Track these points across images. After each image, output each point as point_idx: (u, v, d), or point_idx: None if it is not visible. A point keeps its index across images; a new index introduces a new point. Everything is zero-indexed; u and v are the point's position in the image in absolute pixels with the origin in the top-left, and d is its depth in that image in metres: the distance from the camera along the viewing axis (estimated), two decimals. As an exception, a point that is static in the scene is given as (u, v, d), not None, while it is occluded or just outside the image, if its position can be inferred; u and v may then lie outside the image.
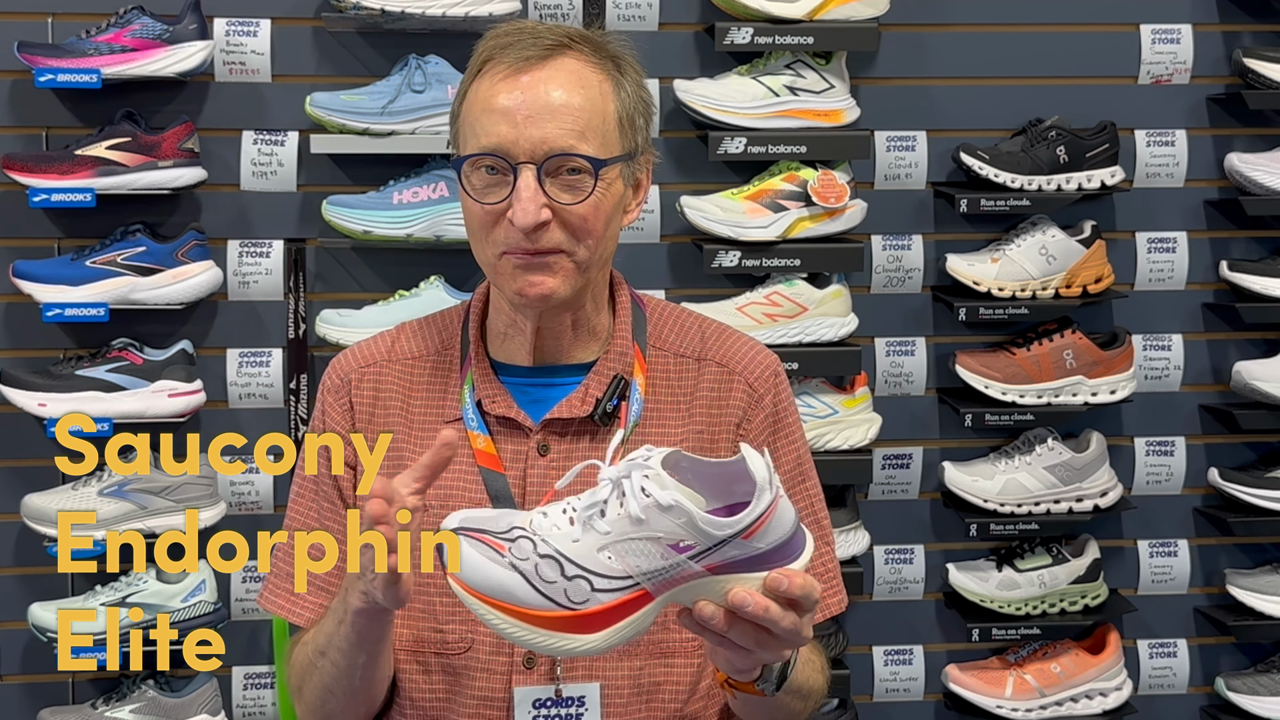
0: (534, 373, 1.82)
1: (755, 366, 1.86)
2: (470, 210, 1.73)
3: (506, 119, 1.68)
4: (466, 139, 1.74)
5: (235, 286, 3.18)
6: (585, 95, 1.71)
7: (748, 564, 1.43)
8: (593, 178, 1.70)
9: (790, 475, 1.86)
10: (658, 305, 1.91)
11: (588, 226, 1.71)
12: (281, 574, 1.88)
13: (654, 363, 1.84)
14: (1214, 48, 3.36)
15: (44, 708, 3.09)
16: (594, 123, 1.70)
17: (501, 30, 1.76)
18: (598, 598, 1.43)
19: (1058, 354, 3.24)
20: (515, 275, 1.72)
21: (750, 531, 1.42)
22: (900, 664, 3.40)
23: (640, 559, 1.42)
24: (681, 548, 1.42)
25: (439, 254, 3.15)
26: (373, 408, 1.85)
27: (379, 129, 3.05)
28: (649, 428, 1.80)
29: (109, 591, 3.04)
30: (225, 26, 3.13)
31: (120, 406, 3.01)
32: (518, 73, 1.70)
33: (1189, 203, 3.39)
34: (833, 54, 3.17)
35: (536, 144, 1.68)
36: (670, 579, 1.43)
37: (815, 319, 3.16)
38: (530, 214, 1.67)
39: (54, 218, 3.12)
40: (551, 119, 1.68)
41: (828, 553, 1.88)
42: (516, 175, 1.68)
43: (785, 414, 1.86)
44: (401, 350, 1.88)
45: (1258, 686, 3.33)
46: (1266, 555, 3.45)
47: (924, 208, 3.34)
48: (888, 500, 3.36)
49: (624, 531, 1.42)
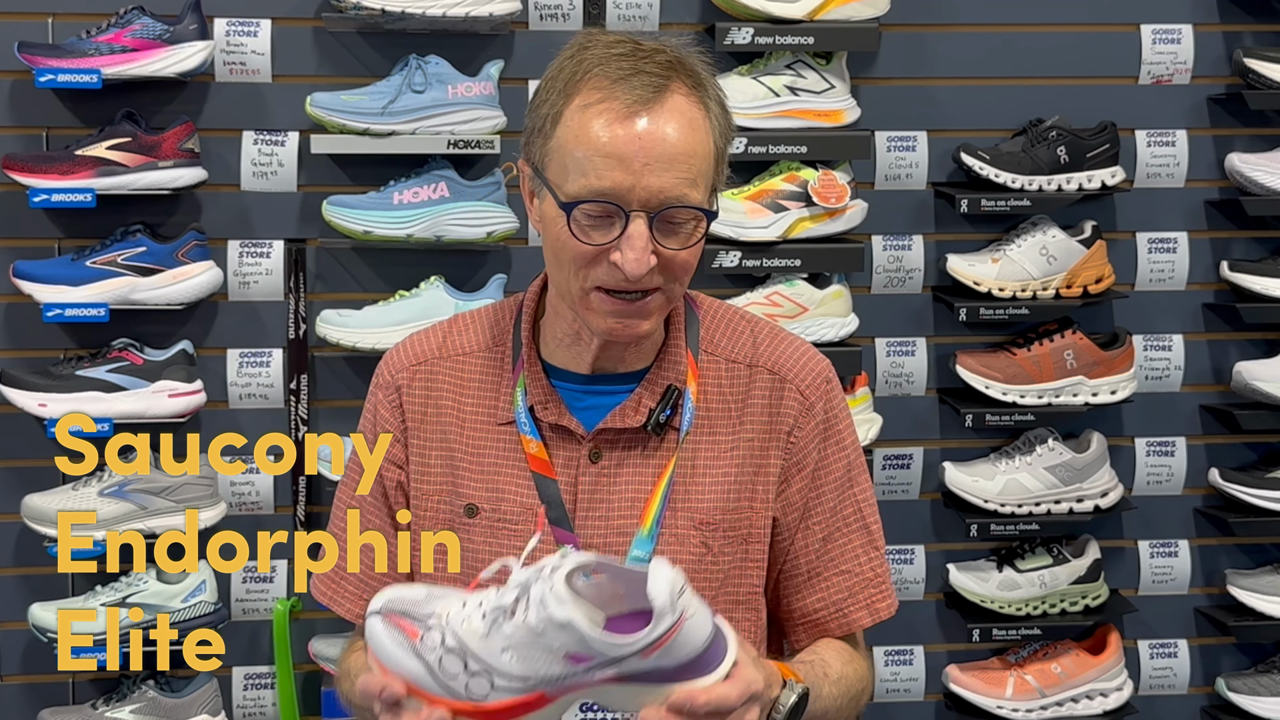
0: (588, 380, 1.82)
1: (807, 374, 1.86)
2: (567, 245, 1.69)
3: (623, 165, 1.65)
4: (569, 173, 1.68)
5: (235, 287, 3.18)
6: (695, 140, 1.69)
7: (653, 676, 1.46)
8: (700, 225, 1.70)
9: (839, 481, 1.86)
10: (710, 306, 1.91)
11: (687, 268, 1.73)
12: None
13: (706, 369, 1.84)
14: (1214, 48, 3.36)
15: (44, 708, 3.09)
16: (702, 168, 1.70)
17: (597, 55, 1.70)
18: (497, 695, 1.46)
19: (1058, 354, 3.24)
20: (606, 316, 1.72)
21: (649, 651, 1.44)
22: (901, 664, 3.40)
23: (539, 665, 1.45)
24: (578, 659, 1.45)
25: (439, 254, 3.15)
26: (424, 407, 1.85)
27: (379, 129, 3.05)
28: (700, 436, 1.81)
29: (109, 592, 3.04)
30: (225, 27, 3.13)
31: (120, 407, 3.01)
32: (632, 115, 1.66)
33: (1189, 203, 3.39)
34: (833, 54, 3.17)
35: (653, 194, 1.66)
36: (569, 686, 1.47)
37: (816, 319, 3.16)
38: (643, 265, 1.66)
39: (54, 218, 3.12)
40: (669, 169, 1.66)
41: (876, 557, 1.89)
42: (628, 222, 1.66)
43: (836, 420, 1.87)
44: (454, 345, 1.87)
45: (1258, 687, 3.33)
46: (1267, 556, 3.45)
47: (924, 208, 3.34)
48: (888, 500, 3.36)
49: (523, 638, 1.45)
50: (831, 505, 1.86)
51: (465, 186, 3.08)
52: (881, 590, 1.89)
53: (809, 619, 1.86)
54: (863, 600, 1.87)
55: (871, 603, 1.87)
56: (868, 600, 1.87)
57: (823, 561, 1.85)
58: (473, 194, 3.08)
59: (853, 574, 1.86)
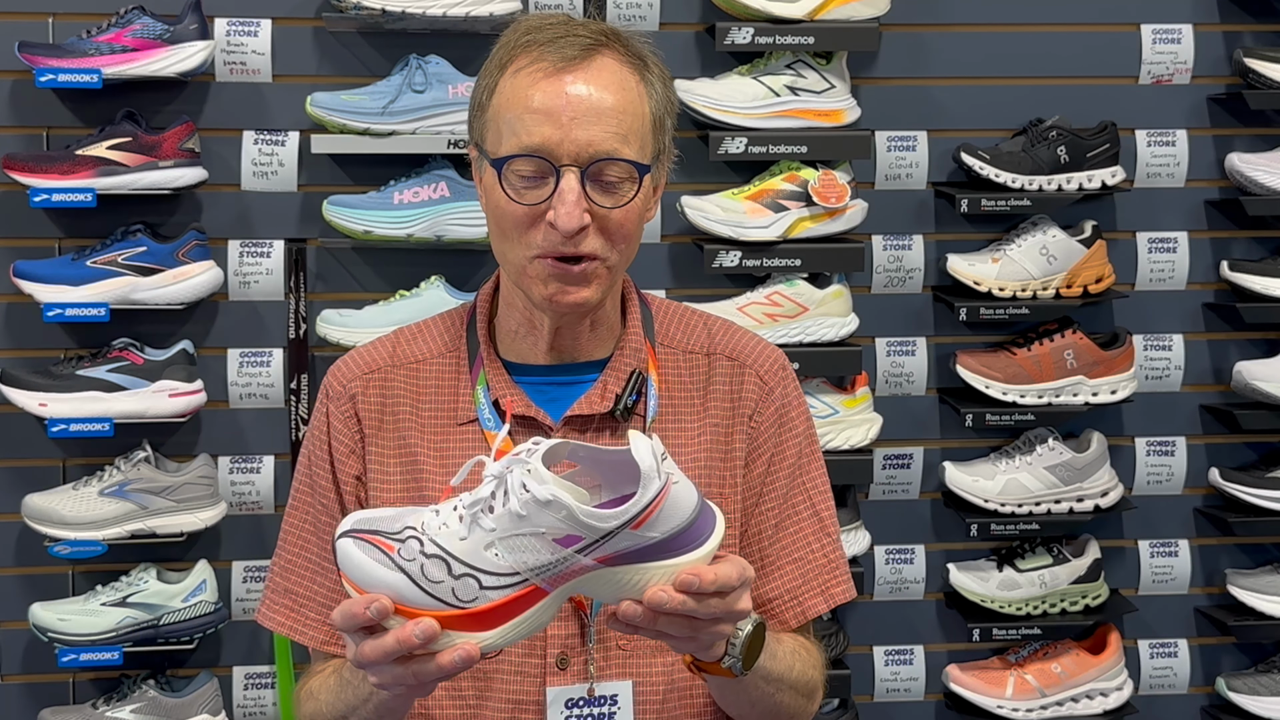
0: (548, 371, 1.80)
1: (764, 359, 1.86)
2: (504, 209, 1.69)
3: (551, 119, 1.65)
4: (503, 136, 1.69)
5: (236, 286, 3.18)
6: (626, 97, 1.69)
7: (644, 553, 1.42)
8: (635, 183, 1.69)
9: (791, 468, 1.85)
10: (662, 304, 1.91)
11: (624, 231, 1.70)
12: (279, 589, 1.84)
13: (664, 360, 1.83)
14: (1215, 48, 3.36)
15: (45, 707, 3.09)
16: (635, 125, 1.69)
17: (531, 24, 1.73)
18: (487, 595, 1.42)
19: (1058, 354, 3.24)
20: (548, 281, 1.70)
21: (639, 522, 1.41)
22: (901, 664, 3.40)
23: (527, 555, 1.41)
24: (567, 541, 1.41)
25: (440, 254, 3.15)
26: (381, 415, 1.81)
27: (380, 129, 3.05)
28: (666, 423, 1.80)
29: (109, 591, 3.04)
30: (226, 26, 3.13)
31: (121, 406, 3.00)
32: (560, 72, 1.67)
33: (1190, 203, 3.39)
34: (833, 54, 3.17)
35: (582, 147, 1.65)
36: (561, 574, 1.42)
37: (816, 319, 3.16)
38: (575, 218, 1.65)
39: (55, 218, 3.12)
40: (597, 122, 1.66)
41: (829, 543, 1.87)
42: (559, 178, 1.65)
43: (790, 407, 1.86)
44: (406, 354, 1.84)
45: (1258, 687, 3.33)
46: (1267, 555, 3.45)
47: (925, 208, 3.34)
48: (888, 500, 3.36)
49: (508, 528, 1.41)
50: (784, 491, 1.84)
51: (465, 186, 3.08)
52: (836, 575, 1.86)
53: (765, 608, 1.84)
54: (817, 587, 1.85)
55: (827, 588, 1.85)
56: (822, 586, 1.85)
57: (775, 549, 1.84)
58: (473, 194, 3.08)
59: (805, 561, 1.85)
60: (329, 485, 1.82)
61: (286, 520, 1.86)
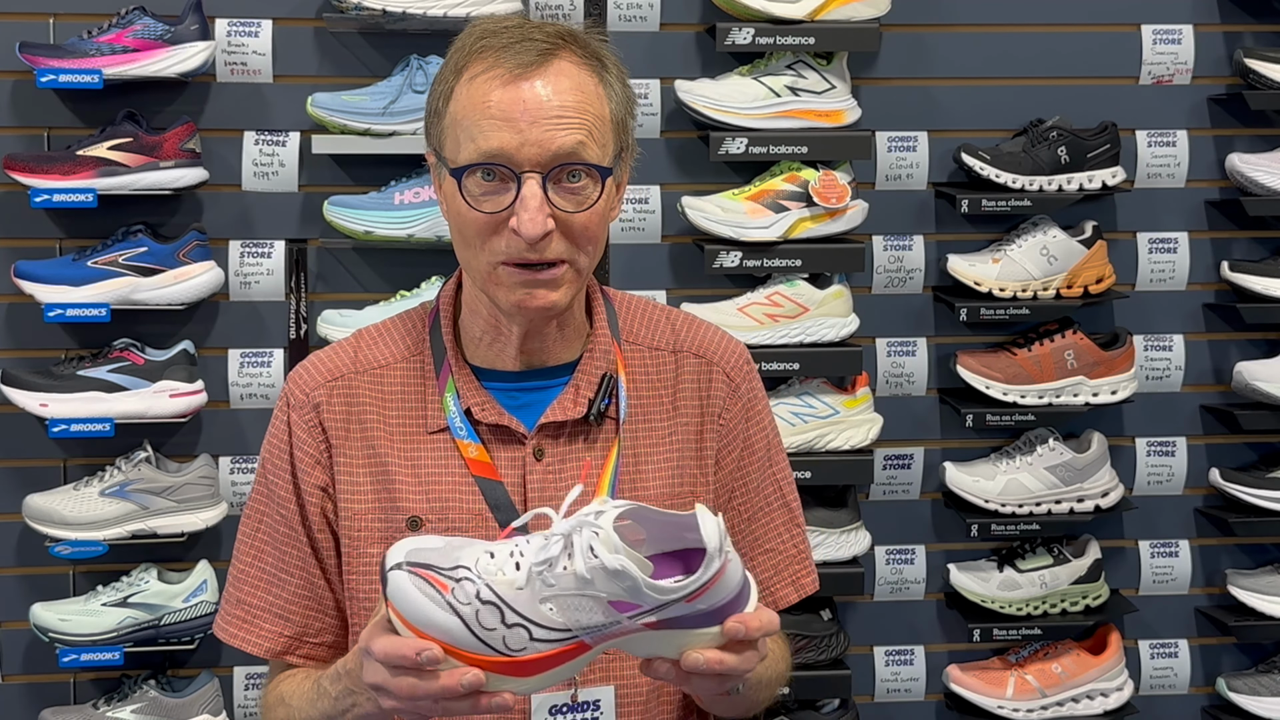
0: (517, 377, 1.78)
1: (730, 356, 1.86)
2: (466, 217, 1.67)
3: (509, 125, 1.63)
4: (460, 143, 1.66)
5: (237, 287, 3.18)
6: (584, 99, 1.67)
7: (690, 621, 1.44)
8: (598, 185, 1.67)
9: (760, 461, 1.86)
10: (622, 298, 1.89)
11: (589, 234, 1.68)
12: (231, 599, 1.83)
13: (630, 358, 1.82)
14: (1215, 48, 3.36)
15: (46, 707, 3.09)
16: (595, 127, 1.67)
17: (487, 27, 1.71)
18: (535, 646, 1.42)
19: (1059, 354, 3.25)
20: (514, 288, 1.67)
21: (695, 596, 1.42)
22: (901, 664, 3.40)
23: (581, 614, 1.42)
24: (622, 607, 1.42)
25: (440, 254, 3.15)
26: (347, 423, 1.78)
27: (380, 129, 3.05)
28: (637, 424, 1.79)
29: (110, 591, 3.04)
30: (227, 27, 3.13)
31: (121, 407, 3.01)
32: (516, 77, 1.65)
33: (1190, 203, 3.40)
34: (834, 54, 3.17)
35: (543, 150, 1.63)
36: (609, 634, 1.44)
37: (816, 319, 3.16)
38: (538, 224, 1.62)
39: (55, 218, 3.12)
40: (556, 125, 1.63)
41: (798, 534, 1.89)
42: (520, 184, 1.64)
43: (756, 401, 1.87)
44: (368, 359, 1.81)
45: (1259, 687, 3.33)
46: (1268, 556, 3.45)
47: (925, 208, 3.34)
48: (889, 500, 3.36)
49: (569, 588, 1.41)
50: (755, 484, 1.86)
51: (466, 187, 3.08)
52: (805, 566, 1.89)
53: None
54: (788, 577, 1.87)
55: (797, 579, 1.88)
56: (793, 577, 1.87)
57: (748, 541, 1.85)
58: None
59: (777, 552, 1.86)
60: (288, 495, 1.79)
61: (241, 529, 1.84)
